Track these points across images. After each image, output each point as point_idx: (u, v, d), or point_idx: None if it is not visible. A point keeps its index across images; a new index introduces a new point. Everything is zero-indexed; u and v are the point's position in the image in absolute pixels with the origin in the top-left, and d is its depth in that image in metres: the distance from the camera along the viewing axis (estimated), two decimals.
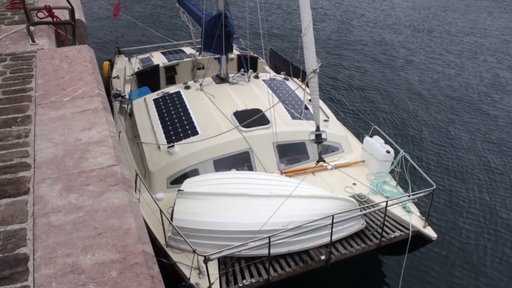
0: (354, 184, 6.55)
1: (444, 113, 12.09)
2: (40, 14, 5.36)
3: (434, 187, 5.64)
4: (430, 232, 5.69)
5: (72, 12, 5.08)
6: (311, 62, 5.70)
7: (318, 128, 5.95)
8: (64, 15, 5.48)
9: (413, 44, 16.77)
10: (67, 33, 5.39)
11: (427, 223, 5.75)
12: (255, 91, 7.87)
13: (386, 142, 6.85)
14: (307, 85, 5.88)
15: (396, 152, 6.59)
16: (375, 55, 15.54)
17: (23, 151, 2.92)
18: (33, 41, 4.78)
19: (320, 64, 5.67)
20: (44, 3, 5.71)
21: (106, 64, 10.96)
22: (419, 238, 5.80)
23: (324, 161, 6.17)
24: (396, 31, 17.97)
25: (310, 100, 6.79)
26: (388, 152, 6.65)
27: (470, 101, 12.84)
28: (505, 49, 16.65)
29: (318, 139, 6.01)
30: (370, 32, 17.68)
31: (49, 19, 5.25)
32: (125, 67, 10.10)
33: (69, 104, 3.43)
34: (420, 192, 5.71)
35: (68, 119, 3.23)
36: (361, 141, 7.39)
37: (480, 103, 12.74)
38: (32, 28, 4.88)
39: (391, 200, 5.78)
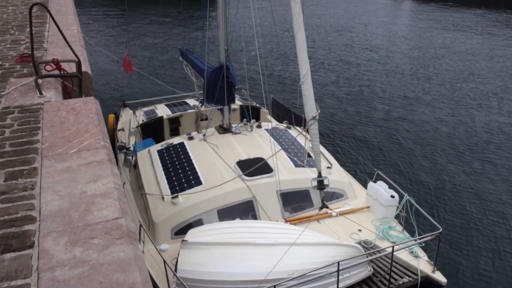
0: (360, 230, 6.48)
1: (446, 156, 12.10)
2: (48, 67, 5.48)
3: (441, 230, 5.59)
4: (439, 276, 5.58)
5: (79, 65, 5.20)
6: (311, 109, 5.80)
7: (320, 174, 5.95)
8: (71, 68, 5.60)
9: (413, 90, 17.00)
10: (74, 85, 5.49)
11: (435, 268, 5.65)
12: (257, 140, 7.93)
13: (390, 186, 6.84)
14: (307, 132, 5.95)
15: (401, 196, 6.57)
16: (375, 101, 15.74)
17: (28, 204, 2.92)
18: (41, 93, 4.87)
19: (319, 111, 5.76)
20: (52, 56, 5.85)
21: (111, 117, 11.12)
22: (428, 284, 5.68)
23: (327, 207, 6.13)
24: (395, 78, 18.27)
25: (311, 146, 6.84)
26: (392, 197, 6.62)
27: (472, 144, 12.87)
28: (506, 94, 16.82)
29: (320, 185, 6.01)
30: (369, 79, 17.97)
31: (57, 72, 5.36)
32: (130, 119, 10.25)
33: (75, 156, 3.45)
34: (427, 236, 5.65)
35: (73, 171, 3.24)
36: (365, 187, 7.37)
37: (482, 145, 12.76)
38: (40, 81, 4.98)
39: (397, 245, 5.70)
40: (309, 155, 7.63)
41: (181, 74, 16.65)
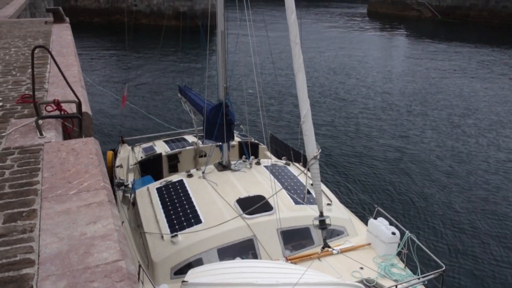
0: (361, 268, 6.39)
1: (446, 192, 12.08)
2: (49, 108, 5.52)
3: (444, 268, 5.52)
4: None
5: (79, 105, 5.25)
6: (312, 148, 5.81)
7: (321, 214, 5.92)
8: (71, 108, 5.65)
9: (410, 126, 17.13)
10: (74, 125, 5.52)
11: None
12: (257, 178, 7.91)
13: (391, 223, 6.79)
14: (308, 170, 5.94)
15: (402, 233, 6.52)
16: (373, 137, 15.83)
17: (27, 246, 2.89)
18: (41, 134, 4.88)
19: (320, 151, 5.77)
20: (53, 97, 5.91)
21: (109, 153, 11.12)
22: None
23: (329, 246, 6.06)
24: (392, 114, 18.44)
25: (312, 184, 6.82)
26: (393, 233, 6.56)
27: (472, 180, 12.87)
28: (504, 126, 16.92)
29: (322, 225, 5.96)
30: (367, 116, 18.13)
31: (57, 112, 5.40)
32: (129, 156, 10.24)
33: (75, 198, 3.44)
34: (430, 274, 5.57)
35: (73, 213, 3.22)
36: (366, 224, 7.31)
37: (483, 181, 12.76)
38: (40, 121, 5.01)
39: (400, 283, 5.62)
40: (308, 192, 7.60)
41: (180, 111, 16.80)
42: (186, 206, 7.15)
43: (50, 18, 15.01)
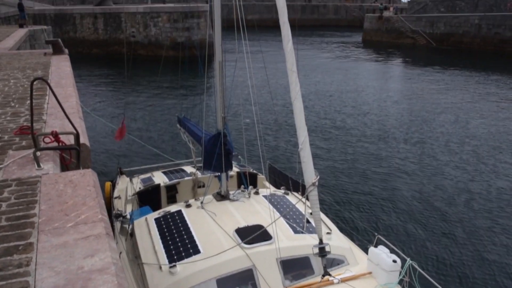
0: None
1: (447, 218, 12.02)
2: (47, 139, 5.53)
3: None
4: None
5: (77, 137, 5.25)
6: (310, 176, 5.81)
7: (321, 241, 5.87)
8: (69, 140, 5.65)
9: (408, 154, 17.15)
10: (72, 157, 5.52)
11: None
12: (256, 207, 7.88)
13: (392, 251, 6.73)
14: (307, 199, 5.92)
15: (403, 261, 6.46)
16: (371, 165, 15.84)
17: (23, 281, 2.84)
18: (39, 166, 4.88)
19: (318, 177, 5.77)
20: (51, 128, 5.92)
21: (108, 184, 11.10)
22: None
23: (329, 274, 5.99)
24: (390, 142, 18.48)
25: (311, 213, 6.78)
26: (394, 261, 6.49)
27: (472, 206, 12.82)
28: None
29: (322, 252, 5.91)
30: (366, 143, 18.18)
31: (55, 144, 5.40)
32: (127, 187, 10.21)
33: (72, 230, 3.41)
34: None
35: (70, 246, 3.19)
36: (366, 252, 7.25)
37: (483, 207, 12.70)
38: (38, 153, 5.00)
39: None
40: (308, 221, 7.55)
41: (178, 142, 16.83)
42: (185, 236, 7.10)
43: (49, 50, 15.19)
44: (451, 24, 55.73)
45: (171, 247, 6.93)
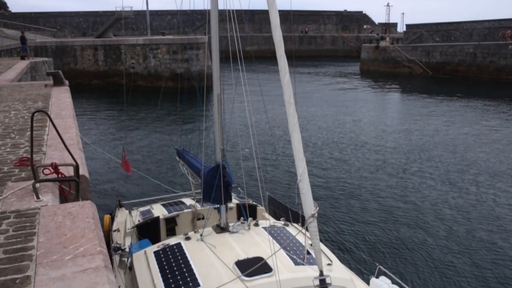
0: None
1: (450, 249, 11.90)
2: (46, 171, 5.54)
3: None
4: None
5: (76, 168, 5.26)
6: (309, 207, 5.78)
7: (321, 273, 5.81)
8: (69, 171, 5.66)
9: (408, 185, 17.11)
10: (71, 188, 5.52)
11: None
12: (255, 239, 7.83)
13: (393, 282, 6.66)
14: (307, 230, 5.89)
15: None
16: (370, 195, 15.79)
17: None
18: (38, 197, 4.87)
19: (318, 209, 5.75)
20: (51, 159, 5.94)
21: (107, 217, 11.05)
22: None
23: None
24: (388, 172, 18.46)
25: (311, 244, 6.73)
26: None
27: (472, 235, 12.71)
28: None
29: (323, 284, 5.84)
30: (365, 174, 18.15)
31: (55, 175, 5.41)
32: (126, 220, 10.16)
33: (70, 263, 3.38)
34: None
35: (68, 279, 3.16)
36: (368, 283, 7.16)
37: (486, 238, 12.59)
38: (37, 185, 5.00)
39: None
40: (308, 252, 7.48)
41: (177, 174, 16.81)
42: (184, 270, 7.01)
43: (50, 81, 15.34)
44: (446, 53, 56.58)
45: (171, 280, 6.84)
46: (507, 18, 59.21)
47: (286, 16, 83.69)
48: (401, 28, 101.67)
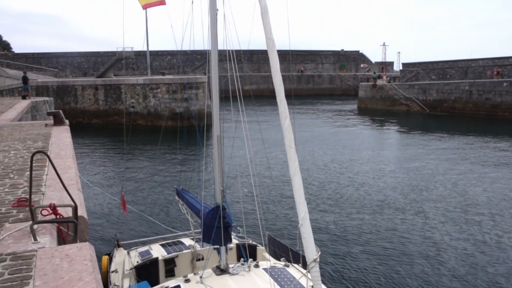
0: None
1: None
2: (44, 212, 5.50)
3: None
4: None
5: (75, 209, 5.22)
6: (311, 252, 5.70)
7: None
8: (67, 212, 5.62)
9: (409, 227, 16.94)
10: (69, 229, 5.47)
11: None
12: (256, 281, 7.70)
13: None
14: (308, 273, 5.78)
15: None
16: (373, 238, 15.63)
17: None
18: (35, 239, 4.82)
19: (319, 253, 5.67)
20: (50, 200, 5.90)
21: (105, 258, 10.89)
22: None
23: None
24: (390, 212, 18.33)
25: (312, 287, 6.60)
26: None
27: (478, 277, 12.50)
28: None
29: None
30: (366, 215, 18.03)
31: (53, 216, 5.36)
32: (124, 260, 10.01)
33: None
34: None
35: None
36: None
37: (489, 281, 12.37)
38: (35, 226, 4.96)
39: None
40: None
41: (176, 214, 16.67)
42: None
43: (50, 121, 15.41)
44: (443, 91, 57.29)
45: None
46: (501, 57, 60.28)
47: (285, 56, 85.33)
48: (397, 67, 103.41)
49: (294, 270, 8.32)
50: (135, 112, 45.73)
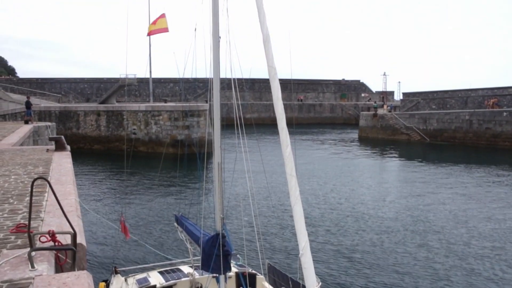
0: None
1: None
2: (43, 238, 5.46)
3: None
4: None
5: (74, 236, 5.18)
6: (311, 283, 5.64)
7: None
8: (66, 239, 5.59)
9: (412, 257, 16.73)
10: (67, 257, 5.42)
11: None
12: None
13: None
14: None
15: None
16: (374, 270, 15.45)
17: None
18: (33, 266, 4.76)
19: (320, 284, 5.61)
20: (48, 226, 5.86)
21: (102, 285, 10.75)
22: None
23: None
24: (392, 244, 18.15)
25: None
26: None
27: None
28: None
29: None
30: (367, 247, 17.85)
31: (51, 243, 5.32)
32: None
33: None
34: None
35: None
36: None
37: None
38: (33, 253, 4.91)
39: None
40: None
41: (175, 241, 16.52)
42: None
43: (52, 146, 15.43)
44: (443, 120, 57.52)
45: None
46: (500, 87, 60.74)
47: (286, 84, 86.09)
48: (397, 96, 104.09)
49: None
50: (137, 139, 45.86)
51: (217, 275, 8.21)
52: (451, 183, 31.17)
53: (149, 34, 49.43)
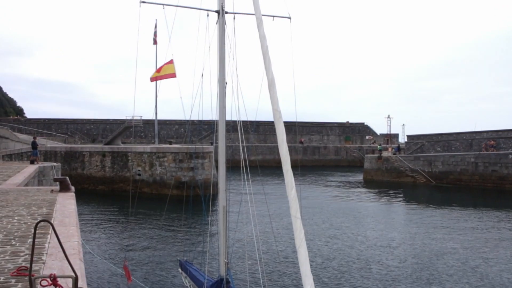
0: None
1: None
2: (44, 282, 5.37)
3: None
4: None
5: (75, 280, 5.09)
6: None
7: None
8: (67, 283, 5.50)
9: None
10: None
11: None
12: None
13: None
14: None
15: None
16: None
17: None
18: None
19: None
20: (50, 269, 5.78)
21: None
22: None
23: None
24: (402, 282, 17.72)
25: None
26: None
27: None
28: None
29: None
30: (375, 283, 17.44)
31: (53, 287, 5.23)
32: None
33: None
34: None
35: None
36: None
37: None
38: None
39: None
40: None
41: (179, 287, 16.21)
42: None
43: (56, 187, 15.45)
44: (448, 163, 57.35)
45: None
46: (505, 129, 60.79)
47: (290, 127, 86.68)
48: (402, 139, 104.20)
49: None
50: (141, 180, 45.84)
51: None
52: (459, 227, 30.71)
53: (152, 80, 50.30)
